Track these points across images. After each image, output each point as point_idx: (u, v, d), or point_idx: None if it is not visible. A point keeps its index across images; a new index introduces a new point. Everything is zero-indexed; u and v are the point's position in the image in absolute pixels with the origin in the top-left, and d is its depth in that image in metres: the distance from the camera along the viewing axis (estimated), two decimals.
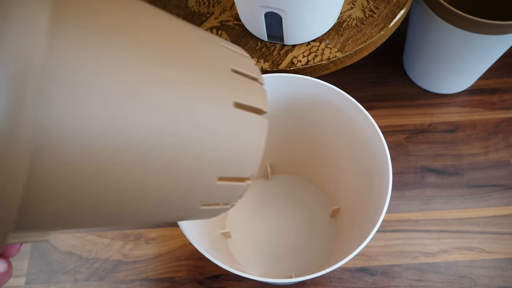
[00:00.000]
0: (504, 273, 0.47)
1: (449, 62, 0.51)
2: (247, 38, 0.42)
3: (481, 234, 0.50)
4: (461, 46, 0.47)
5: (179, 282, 0.49)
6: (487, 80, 0.59)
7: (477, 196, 0.52)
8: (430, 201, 0.52)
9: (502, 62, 0.60)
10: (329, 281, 0.48)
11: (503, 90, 0.58)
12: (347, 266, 0.49)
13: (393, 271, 0.48)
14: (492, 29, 0.43)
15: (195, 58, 0.20)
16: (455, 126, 0.56)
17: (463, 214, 0.51)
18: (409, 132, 0.56)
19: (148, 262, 0.50)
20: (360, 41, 0.40)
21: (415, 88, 0.59)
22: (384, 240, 0.50)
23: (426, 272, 0.48)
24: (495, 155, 0.54)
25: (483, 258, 0.48)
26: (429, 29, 0.49)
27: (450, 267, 0.48)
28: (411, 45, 0.56)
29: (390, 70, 0.61)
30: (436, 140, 0.55)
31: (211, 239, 0.42)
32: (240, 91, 0.22)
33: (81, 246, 0.51)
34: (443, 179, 0.53)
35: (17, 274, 0.50)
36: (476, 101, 0.58)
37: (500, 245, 0.49)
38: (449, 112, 0.57)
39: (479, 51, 0.47)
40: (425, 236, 0.50)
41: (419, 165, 0.54)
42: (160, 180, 0.18)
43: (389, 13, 0.42)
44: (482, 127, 0.56)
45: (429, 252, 0.49)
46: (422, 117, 0.57)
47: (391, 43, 0.62)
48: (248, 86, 0.23)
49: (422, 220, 0.51)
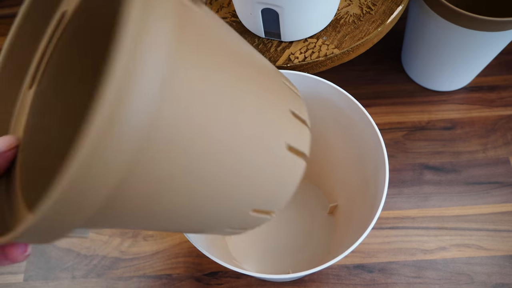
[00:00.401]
0: (501, 270, 0.47)
1: (447, 59, 0.51)
2: (244, 35, 0.42)
3: (479, 231, 0.50)
4: (459, 43, 0.47)
5: (177, 279, 0.49)
6: (485, 78, 0.59)
7: (475, 193, 0.52)
8: (428, 198, 0.52)
9: (500, 60, 0.60)
10: (326, 278, 0.48)
11: (501, 87, 0.58)
12: (345, 263, 0.49)
13: (390, 268, 0.48)
14: (490, 26, 0.43)
15: (267, 95, 0.22)
16: (453, 124, 0.56)
17: (461, 211, 0.51)
18: (407, 129, 0.56)
19: (146, 259, 0.50)
20: (357, 38, 0.40)
21: (414, 86, 0.59)
22: (382, 237, 0.50)
23: (424, 269, 0.48)
24: (493, 153, 0.54)
25: (481, 255, 0.48)
26: (427, 26, 0.49)
27: (448, 264, 0.48)
28: (409, 42, 0.56)
29: (388, 67, 0.61)
30: (434, 137, 0.55)
31: (208, 236, 0.42)
32: (293, 134, 0.23)
33: (80, 243, 0.51)
34: (441, 176, 0.53)
35: (15, 271, 0.50)
36: (475, 99, 0.58)
37: (498, 242, 0.49)
38: (448, 110, 0.57)
39: (477, 48, 0.47)
40: (423, 233, 0.50)
41: (417, 162, 0.54)
42: (213, 200, 0.20)
43: (386, 10, 0.42)
44: (480, 124, 0.56)
45: (427, 249, 0.49)
46: (420, 114, 0.57)
47: (389, 41, 0.62)
48: (300, 130, 0.24)
49: (420, 217, 0.51)
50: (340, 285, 0.48)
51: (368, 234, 0.50)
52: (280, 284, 0.48)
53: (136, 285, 0.49)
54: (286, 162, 0.22)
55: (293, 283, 0.48)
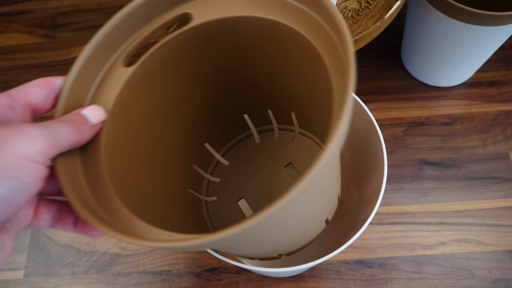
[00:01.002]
0: (501, 265, 0.47)
1: (447, 54, 0.51)
2: None
3: (479, 227, 0.50)
4: (458, 37, 0.47)
5: (177, 275, 0.49)
6: (485, 73, 0.59)
7: (475, 188, 0.52)
8: (427, 194, 0.52)
9: (500, 55, 0.60)
10: (326, 274, 0.48)
11: (501, 82, 0.58)
12: (345, 258, 0.49)
13: (390, 264, 0.48)
14: (489, 20, 0.43)
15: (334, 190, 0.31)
16: (453, 119, 0.56)
17: (461, 206, 0.51)
18: (407, 125, 0.56)
19: (146, 255, 0.50)
20: (355, 33, 0.40)
21: (413, 81, 0.59)
22: (382, 233, 0.50)
23: (424, 264, 0.48)
24: (493, 148, 0.54)
25: (481, 250, 0.48)
26: (426, 21, 0.49)
27: (448, 259, 0.48)
28: (409, 38, 0.55)
29: (388, 63, 0.61)
30: (434, 133, 0.55)
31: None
32: (332, 211, 0.33)
33: (80, 239, 0.51)
34: (441, 171, 0.53)
35: (15, 267, 0.50)
36: (474, 94, 0.58)
37: (497, 237, 0.49)
38: (447, 105, 0.57)
39: (477, 43, 0.47)
40: (422, 229, 0.50)
41: (417, 158, 0.54)
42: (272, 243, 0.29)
43: (385, 4, 0.42)
44: (480, 119, 0.56)
45: (427, 244, 0.49)
46: (420, 110, 0.57)
47: (388, 37, 0.62)
48: (336, 205, 0.34)
49: (419, 213, 0.51)
50: (340, 281, 0.48)
51: (368, 229, 0.50)
52: (280, 279, 0.48)
53: (136, 281, 0.49)
54: (320, 227, 0.32)
55: (293, 279, 0.48)
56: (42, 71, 0.64)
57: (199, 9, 0.27)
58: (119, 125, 0.27)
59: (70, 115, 0.23)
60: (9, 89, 0.22)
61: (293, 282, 0.48)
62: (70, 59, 0.65)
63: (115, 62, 0.27)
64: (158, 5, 0.27)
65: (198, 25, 0.27)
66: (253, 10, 0.26)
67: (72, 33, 0.67)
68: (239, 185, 0.41)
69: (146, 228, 0.22)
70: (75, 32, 0.67)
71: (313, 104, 0.32)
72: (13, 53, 0.66)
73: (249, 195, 0.40)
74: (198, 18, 0.27)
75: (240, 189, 0.40)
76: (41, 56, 0.65)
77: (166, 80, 0.31)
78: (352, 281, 0.48)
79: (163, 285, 0.48)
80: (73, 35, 0.67)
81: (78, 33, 0.67)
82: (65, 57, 0.65)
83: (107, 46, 0.26)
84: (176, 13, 0.27)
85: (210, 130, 0.38)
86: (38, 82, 0.23)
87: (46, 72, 0.64)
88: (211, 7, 0.27)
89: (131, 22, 0.26)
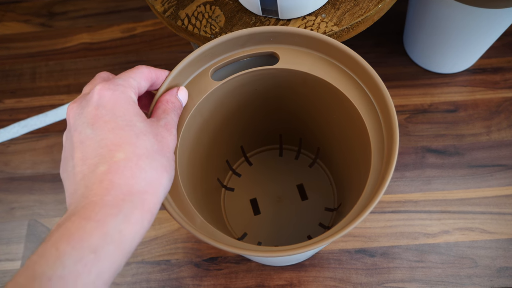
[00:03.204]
0: (506, 253, 0.47)
1: (450, 39, 0.50)
2: (241, 13, 0.41)
3: (483, 215, 0.49)
4: (462, 21, 0.46)
5: (176, 265, 0.48)
6: (489, 59, 0.58)
7: (479, 176, 0.51)
8: (430, 182, 0.51)
9: (504, 41, 0.58)
10: (327, 263, 0.47)
11: (505, 69, 0.57)
12: (346, 247, 0.48)
13: (393, 252, 0.47)
14: (494, 2, 0.42)
15: None
16: (457, 106, 0.55)
17: (464, 194, 0.50)
18: (410, 112, 0.55)
19: (145, 244, 0.49)
20: (357, 15, 0.39)
21: (416, 68, 0.58)
22: (384, 221, 0.49)
23: (427, 253, 0.47)
24: (497, 135, 0.53)
25: (485, 239, 0.47)
26: (429, 5, 0.47)
27: (451, 248, 0.47)
28: (411, 23, 0.54)
29: (390, 50, 0.60)
30: (437, 120, 0.54)
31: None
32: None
33: None
34: (444, 159, 0.52)
35: (13, 257, 0.50)
36: (478, 81, 0.57)
37: (502, 226, 0.48)
38: (450, 92, 0.56)
39: (481, 26, 0.46)
40: (425, 217, 0.49)
41: (420, 146, 0.53)
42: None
43: None
44: (484, 106, 0.55)
45: (430, 233, 0.48)
46: (423, 97, 0.56)
47: (390, 23, 0.61)
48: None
49: (422, 201, 0.50)
50: (341, 270, 0.47)
51: (370, 218, 0.49)
52: (280, 269, 0.47)
53: (135, 271, 0.48)
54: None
55: (293, 268, 0.47)
56: (38, 60, 0.63)
57: (285, 54, 0.35)
58: (190, 126, 0.34)
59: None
60: (5, 78, 0.21)
61: (294, 271, 0.47)
62: (67, 47, 0.64)
63: (204, 72, 0.34)
64: (253, 40, 0.34)
65: (282, 69, 0.34)
66: (325, 74, 0.34)
67: (69, 21, 0.66)
68: (255, 186, 0.49)
69: (214, 230, 0.30)
70: (72, 20, 0.66)
71: (343, 158, 0.42)
72: (9, 42, 0.65)
73: (261, 197, 0.48)
74: (283, 63, 0.34)
75: (255, 190, 0.48)
76: (37, 45, 0.64)
77: (238, 97, 0.38)
78: (354, 270, 0.47)
79: (162, 275, 0.48)
80: (70, 24, 0.65)
81: (75, 21, 0.66)
82: (62, 46, 0.64)
83: (200, 59, 0.33)
84: (266, 49, 0.35)
85: (250, 137, 0.47)
86: (146, 76, 0.29)
87: (43, 61, 0.63)
88: (294, 58, 0.34)
89: (229, 45, 0.34)
